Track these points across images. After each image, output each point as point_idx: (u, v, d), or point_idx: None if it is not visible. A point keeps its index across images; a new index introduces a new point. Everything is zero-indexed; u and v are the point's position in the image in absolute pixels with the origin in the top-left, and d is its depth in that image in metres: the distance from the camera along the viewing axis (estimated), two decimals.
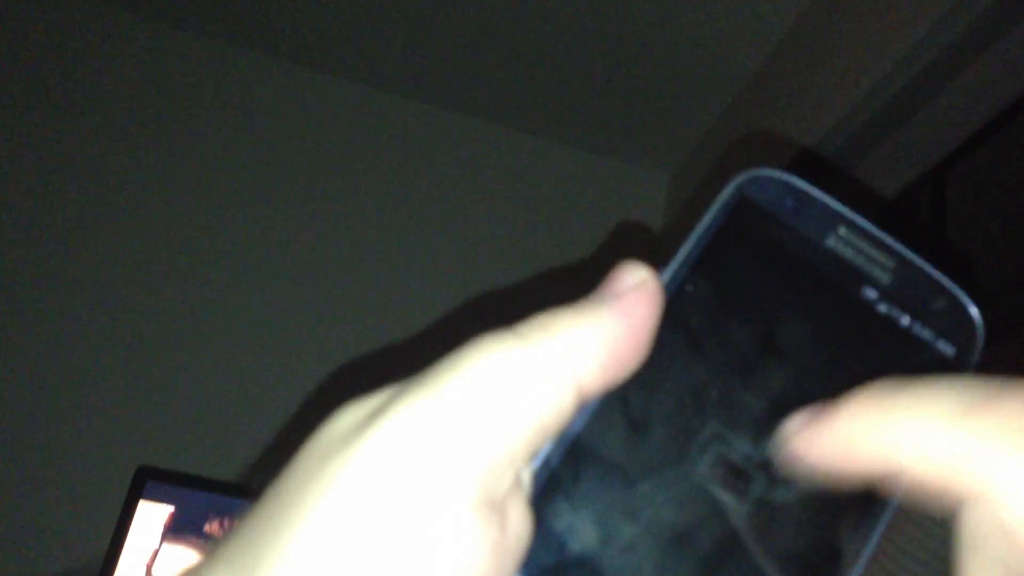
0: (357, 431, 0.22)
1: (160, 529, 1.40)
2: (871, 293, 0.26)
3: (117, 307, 1.87)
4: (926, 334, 0.26)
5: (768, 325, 0.26)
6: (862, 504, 0.24)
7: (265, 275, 1.97)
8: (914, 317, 0.26)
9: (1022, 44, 1.36)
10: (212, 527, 1.40)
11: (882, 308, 0.26)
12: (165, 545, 1.39)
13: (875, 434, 0.21)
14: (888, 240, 0.27)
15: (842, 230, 0.26)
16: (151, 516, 1.41)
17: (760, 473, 0.24)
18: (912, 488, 0.21)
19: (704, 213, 0.26)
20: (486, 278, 2.05)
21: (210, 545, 0.22)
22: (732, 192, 0.27)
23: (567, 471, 0.24)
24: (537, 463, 0.23)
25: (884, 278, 0.26)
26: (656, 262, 0.25)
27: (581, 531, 0.23)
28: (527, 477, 0.23)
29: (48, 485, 1.72)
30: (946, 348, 0.26)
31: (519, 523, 0.22)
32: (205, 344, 1.89)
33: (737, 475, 0.24)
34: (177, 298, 1.91)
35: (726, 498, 0.24)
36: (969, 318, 0.26)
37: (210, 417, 1.82)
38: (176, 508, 1.41)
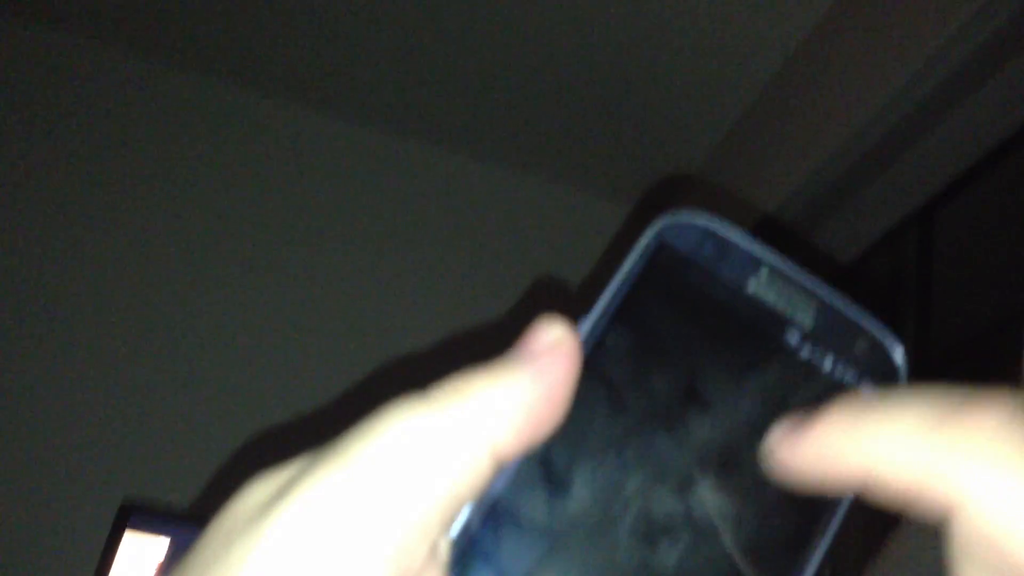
0: (263, 511, 0.21)
1: (154, 565, 1.38)
2: (794, 338, 0.26)
3: (102, 337, 1.86)
4: (849, 377, 0.26)
5: (690, 375, 0.25)
6: (788, 555, 0.24)
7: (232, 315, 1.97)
8: (837, 360, 0.26)
9: (1008, 87, 1.37)
10: None
11: (804, 353, 0.26)
12: None
13: (851, 446, 0.22)
14: (810, 282, 0.26)
15: (764, 274, 0.26)
16: (142, 550, 1.39)
17: (686, 526, 0.24)
18: (891, 499, 0.22)
19: (622, 260, 0.26)
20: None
21: None
22: (650, 239, 0.26)
23: (488, 536, 0.23)
24: (456, 530, 0.23)
25: (807, 321, 0.26)
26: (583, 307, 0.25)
27: None
28: (444, 546, 0.23)
29: (31, 517, 1.70)
30: (869, 390, 0.26)
31: None
32: (188, 380, 1.89)
33: (662, 530, 0.24)
34: (159, 334, 1.90)
35: (652, 555, 0.24)
36: (890, 359, 0.26)
37: (195, 453, 1.81)
38: (172, 540, 1.39)
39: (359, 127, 2.18)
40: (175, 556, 1.37)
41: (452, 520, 0.22)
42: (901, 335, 0.26)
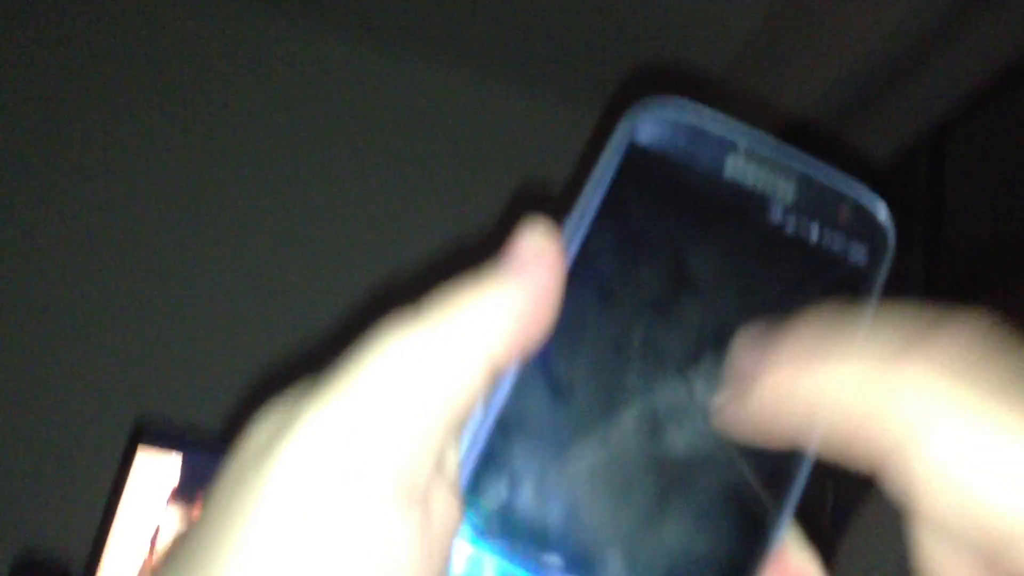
0: (270, 444, 0.22)
1: (168, 486, 1.39)
2: (777, 214, 0.26)
3: (113, 256, 1.86)
4: (837, 245, 0.26)
5: (679, 264, 0.25)
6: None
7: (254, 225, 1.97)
8: (823, 229, 0.26)
9: (1022, 9, 1.34)
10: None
11: (790, 227, 0.26)
12: (172, 507, 1.38)
13: (797, 395, 0.22)
14: (786, 155, 0.26)
15: (739, 153, 0.26)
16: (156, 468, 1.40)
17: (690, 413, 0.24)
18: (839, 446, 0.21)
19: (597, 160, 0.26)
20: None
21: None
22: (622, 135, 0.26)
23: (497, 446, 0.24)
24: (464, 444, 0.23)
25: (788, 195, 0.26)
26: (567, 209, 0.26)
27: (521, 502, 0.23)
28: (452, 461, 0.24)
29: (41, 437, 1.72)
30: (859, 255, 0.26)
31: (445, 509, 0.23)
32: (197, 298, 1.90)
33: (666, 418, 0.24)
34: (169, 253, 1.90)
35: (658, 444, 0.24)
36: (876, 220, 0.26)
37: (208, 371, 1.82)
38: (185, 458, 1.40)
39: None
40: (188, 474, 1.39)
41: (454, 432, 0.23)
42: (911, 258, 0.25)
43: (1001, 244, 1.46)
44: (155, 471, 1.39)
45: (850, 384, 0.20)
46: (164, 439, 1.43)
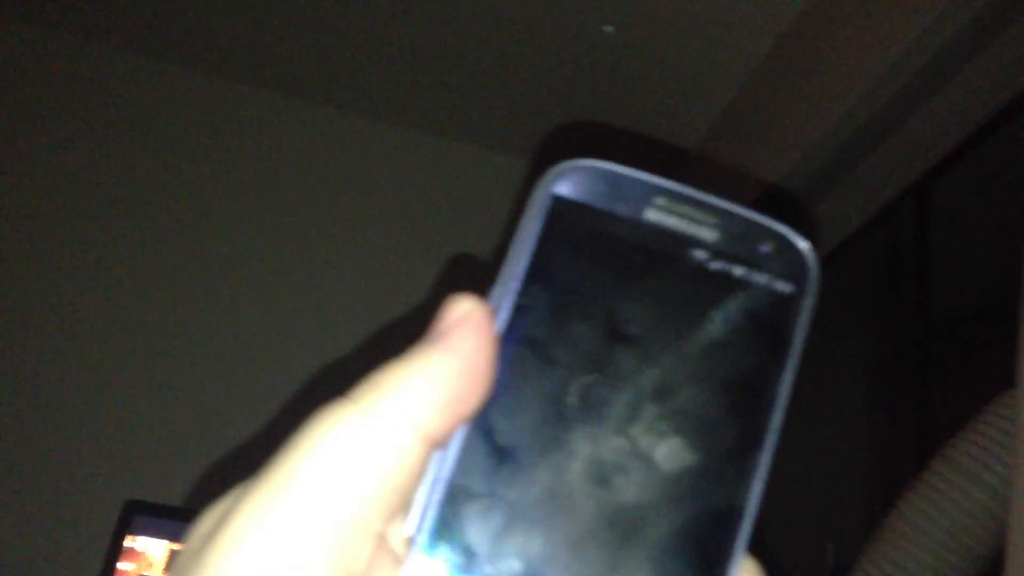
0: (205, 542, 0.22)
1: (157, 570, 1.39)
2: (701, 254, 0.26)
3: (102, 339, 1.87)
4: (762, 279, 0.26)
5: (612, 315, 0.26)
6: (736, 478, 0.25)
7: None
8: (747, 266, 0.26)
9: (1002, 57, 1.36)
10: None
11: (715, 265, 0.26)
12: None
13: None
14: (705, 198, 0.27)
15: (659, 201, 0.27)
16: (146, 550, 1.40)
17: (636, 462, 0.25)
18: None
19: (520, 221, 0.26)
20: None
21: None
22: (543, 194, 0.26)
23: (447, 516, 0.24)
24: (414, 518, 0.23)
25: (710, 236, 0.27)
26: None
27: (475, 569, 0.23)
28: (396, 537, 0.24)
29: (34, 520, 1.71)
30: (784, 286, 0.26)
31: None
32: (194, 379, 1.89)
33: (616, 471, 0.24)
34: (161, 331, 1.91)
35: (608, 496, 0.24)
36: (797, 251, 0.27)
37: (200, 451, 1.81)
38: (175, 540, 1.40)
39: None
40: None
41: (396, 509, 0.23)
42: (900, 309, 0.25)
43: (990, 292, 1.47)
44: (145, 551, 1.39)
45: None
46: (154, 522, 1.42)
